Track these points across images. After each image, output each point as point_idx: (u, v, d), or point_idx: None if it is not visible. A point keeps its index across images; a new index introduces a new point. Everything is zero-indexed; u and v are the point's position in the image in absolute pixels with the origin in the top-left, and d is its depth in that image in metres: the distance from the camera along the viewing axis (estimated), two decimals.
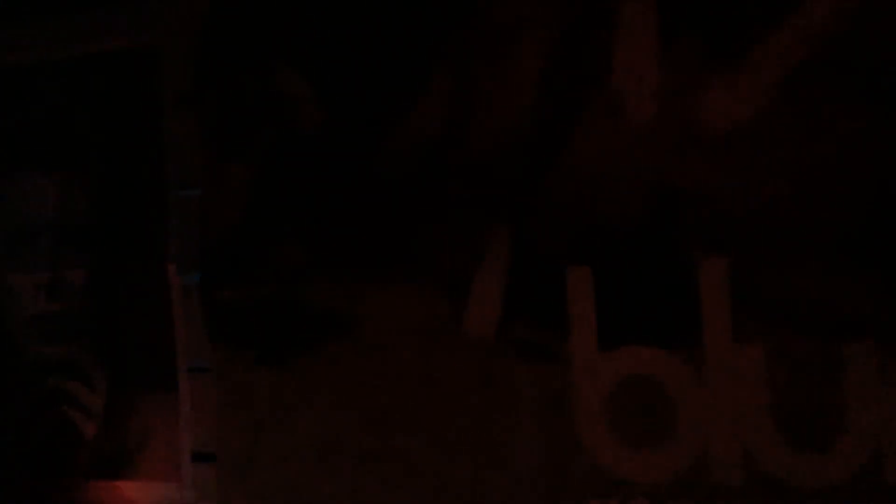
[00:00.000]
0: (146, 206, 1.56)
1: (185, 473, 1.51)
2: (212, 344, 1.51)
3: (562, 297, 1.36)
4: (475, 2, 1.41)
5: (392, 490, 1.41)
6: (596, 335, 1.34)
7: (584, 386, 1.34)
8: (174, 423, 1.53)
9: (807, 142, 1.28)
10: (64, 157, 1.58)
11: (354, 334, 1.45)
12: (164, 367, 1.54)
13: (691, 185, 1.32)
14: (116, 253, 1.57)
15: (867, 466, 1.22)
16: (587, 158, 1.36)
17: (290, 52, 1.49)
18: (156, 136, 1.55)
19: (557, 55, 1.38)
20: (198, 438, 1.51)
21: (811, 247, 1.27)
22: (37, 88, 1.59)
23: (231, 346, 1.50)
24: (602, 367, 1.34)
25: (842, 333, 1.24)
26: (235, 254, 1.51)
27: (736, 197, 1.30)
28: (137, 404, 1.57)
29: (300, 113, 1.48)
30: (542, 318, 1.37)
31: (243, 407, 1.48)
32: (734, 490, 1.26)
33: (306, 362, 1.47)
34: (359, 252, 1.45)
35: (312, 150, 1.47)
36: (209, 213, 1.51)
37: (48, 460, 1.57)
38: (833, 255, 1.25)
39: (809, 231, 1.27)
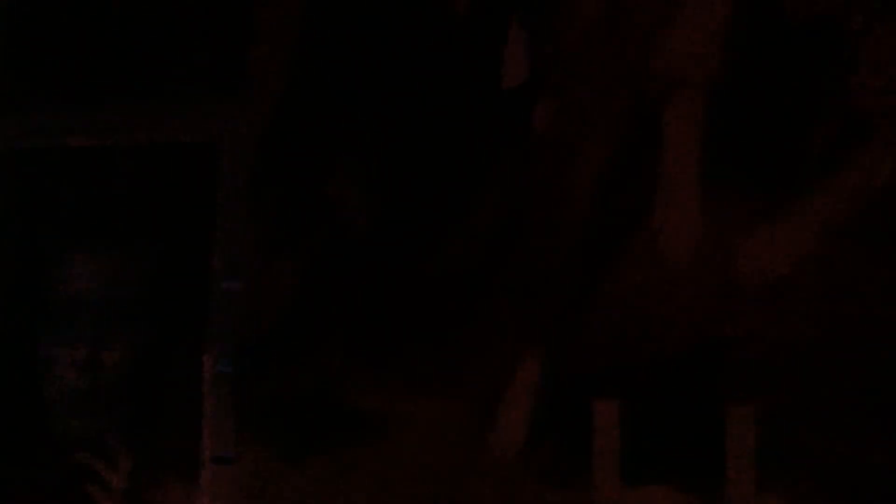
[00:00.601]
0: (190, 294, 1.59)
1: None
2: (238, 435, 1.52)
3: (588, 427, 1.37)
4: (530, 127, 1.45)
5: None
6: (619, 470, 1.35)
7: None
8: None
9: (843, 299, 1.30)
10: (116, 238, 1.63)
11: (381, 441, 1.46)
12: (189, 453, 1.55)
13: (725, 332, 1.33)
14: (156, 337, 1.60)
15: None
16: (625, 294, 1.38)
17: (347, 159, 1.54)
18: (207, 227, 1.60)
19: (606, 188, 1.42)
20: None
21: (841, 404, 1.28)
22: (96, 170, 1.65)
23: (257, 439, 1.52)
24: (624, 502, 1.34)
25: (864, 494, 1.24)
26: (273, 348, 1.53)
27: (769, 347, 1.31)
28: (159, 487, 1.58)
29: (350, 219, 1.52)
30: (568, 447, 1.38)
31: (263, 499, 1.50)
32: None
33: (330, 463, 1.48)
34: (394, 359, 1.48)
35: (358, 256, 1.51)
36: (251, 306, 1.55)
37: None
38: (864, 414, 1.26)
39: (840, 388, 1.28)
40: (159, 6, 1.64)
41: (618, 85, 1.41)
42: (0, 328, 1.65)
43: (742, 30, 1.36)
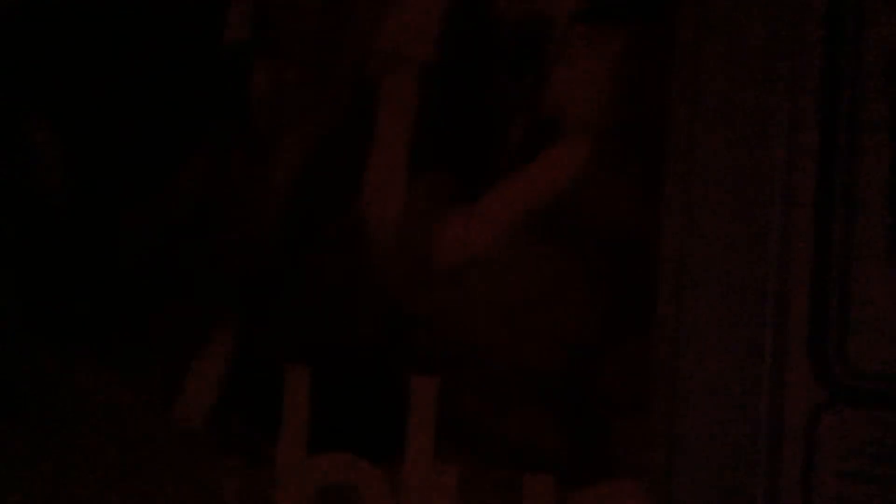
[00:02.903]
0: None
1: None
2: None
3: (279, 398, 1.38)
4: (244, 95, 1.42)
5: None
6: (306, 437, 1.37)
7: (288, 487, 1.37)
8: None
9: (524, 286, 1.39)
10: None
11: (40, 407, 1.38)
12: None
13: (416, 310, 1.39)
14: None
15: None
16: (326, 270, 1.40)
17: (42, 96, 1.42)
18: None
19: (317, 160, 1.42)
20: None
21: (514, 383, 1.37)
22: None
23: None
24: (307, 470, 1.37)
25: (524, 467, 1.34)
26: None
27: (455, 325, 1.38)
28: None
29: (40, 168, 1.41)
30: (258, 416, 1.38)
31: None
32: None
33: None
34: (71, 315, 1.40)
35: (45, 216, 1.41)
36: None
37: None
38: (532, 394, 1.36)
39: (514, 368, 1.37)
40: None
41: (339, 55, 1.41)
42: None
43: (460, 15, 1.40)
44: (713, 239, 1.27)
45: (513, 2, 1.38)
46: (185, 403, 1.37)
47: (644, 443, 1.32)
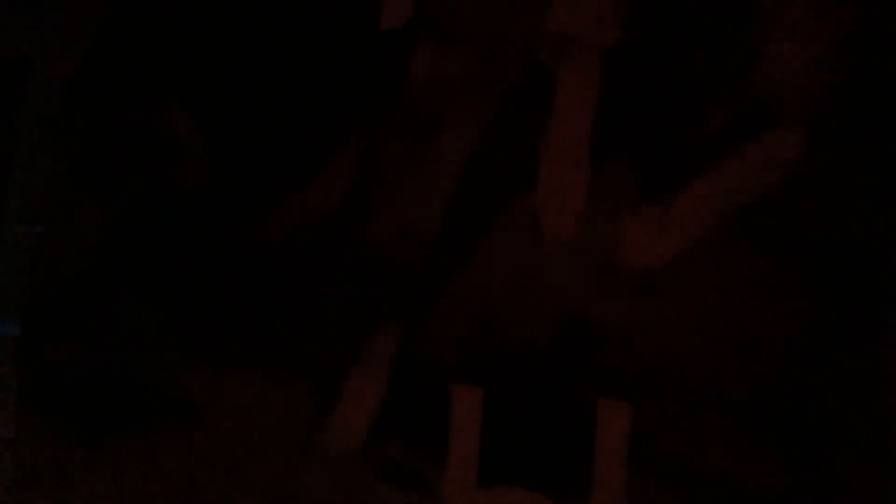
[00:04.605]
0: None
1: None
2: (20, 410, 1.26)
3: (445, 418, 1.21)
4: (403, 79, 1.29)
5: None
6: (476, 468, 1.20)
7: None
8: None
9: (725, 295, 1.21)
10: None
11: (196, 423, 1.24)
12: None
13: (602, 321, 1.21)
14: None
15: None
16: (496, 273, 1.23)
17: (186, 91, 1.31)
18: (4, 158, 1.33)
19: (483, 155, 1.27)
20: None
21: (717, 407, 1.18)
22: None
23: (42, 413, 1.26)
24: None
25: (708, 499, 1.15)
26: (71, 306, 1.28)
27: (646, 339, 1.21)
28: None
29: (183, 161, 1.30)
30: (419, 439, 1.21)
31: (47, 487, 1.24)
32: None
33: (129, 447, 1.25)
34: (222, 329, 1.26)
35: (188, 206, 1.29)
36: (50, 255, 1.29)
37: None
38: (739, 422, 1.17)
39: (716, 389, 1.19)
40: None
41: (508, 38, 1.27)
42: None
43: None
44: None
45: None
46: (339, 421, 1.21)
47: (879, 489, 1.12)
